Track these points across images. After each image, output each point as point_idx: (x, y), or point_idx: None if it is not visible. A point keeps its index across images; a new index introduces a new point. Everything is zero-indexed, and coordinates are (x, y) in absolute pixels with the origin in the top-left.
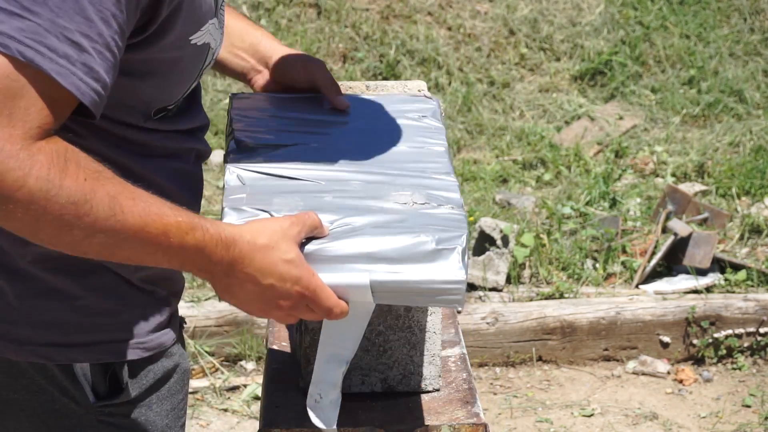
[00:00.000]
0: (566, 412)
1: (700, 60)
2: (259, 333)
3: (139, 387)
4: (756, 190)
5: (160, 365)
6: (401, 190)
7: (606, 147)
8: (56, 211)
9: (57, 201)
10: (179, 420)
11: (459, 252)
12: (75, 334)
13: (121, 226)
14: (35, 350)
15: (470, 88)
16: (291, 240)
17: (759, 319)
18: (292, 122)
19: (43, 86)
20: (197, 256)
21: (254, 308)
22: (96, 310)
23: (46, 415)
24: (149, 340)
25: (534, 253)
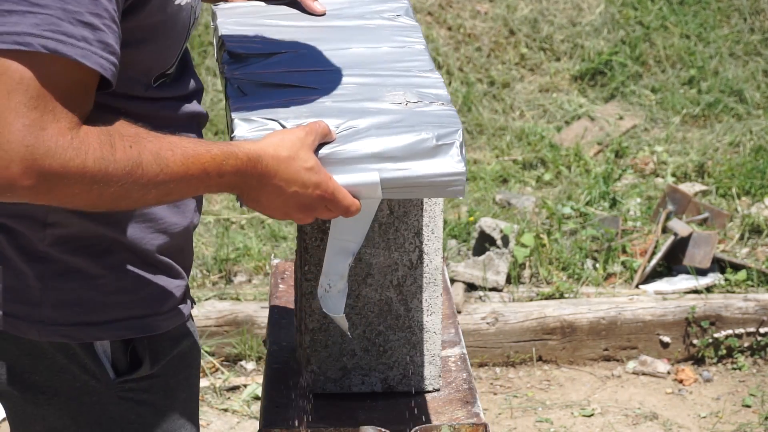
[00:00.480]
0: (566, 412)
1: (700, 60)
2: (259, 333)
3: (157, 362)
4: (756, 190)
5: (177, 340)
6: (394, 91)
7: (606, 147)
8: (115, 182)
9: (114, 174)
10: (194, 395)
11: (457, 147)
12: (95, 312)
13: (169, 177)
14: (57, 330)
15: (470, 88)
16: (308, 148)
17: (759, 319)
18: (277, 30)
19: (73, 72)
20: (233, 178)
21: (277, 213)
22: (114, 288)
23: (67, 395)
24: (167, 315)
25: (534, 253)
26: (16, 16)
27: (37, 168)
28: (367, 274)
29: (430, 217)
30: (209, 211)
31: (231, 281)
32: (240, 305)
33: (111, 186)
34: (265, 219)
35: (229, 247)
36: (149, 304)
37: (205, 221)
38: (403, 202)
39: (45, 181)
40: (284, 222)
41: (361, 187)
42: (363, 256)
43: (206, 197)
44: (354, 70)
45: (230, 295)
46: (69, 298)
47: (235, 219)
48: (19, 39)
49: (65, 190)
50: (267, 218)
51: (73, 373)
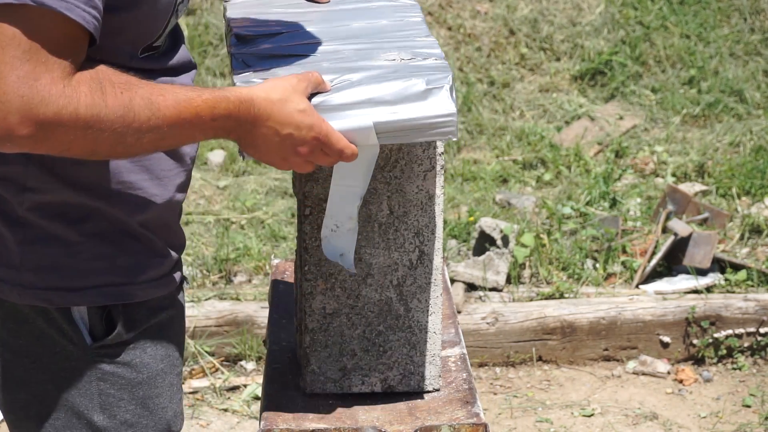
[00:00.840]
0: (566, 412)
1: (700, 60)
2: (259, 333)
3: (133, 329)
4: (756, 190)
5: (154, 311)
6: (389, 52)
7: (606, 147)
8: (109, 127)
9: (107, 119)
10: (175, 369)
11: (447, 89)
12: (72, 278)
13: (161, 121)
14: (36, 294)
15: (470, 88)
16: (301, 93)
17: (759, 319)
18: (283, 15)
19: (60, 25)
20: (226, 122)
21: (276, 158)
22: (91, 255)
23: (48, 359)
24: (143, 286)
25: (534, 253)
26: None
27: (33, 117)
28: (367, 274)
29: (430, 217)
30: (209, 211)
31: (231, 281)
32: (240, 305)
33: (105, 131)
34: (265, 219)
35: (229, 247)
36: (125, 273)
37: (205, 221)
38: (403, 202)
39: (41, 130)
40: (284, 222)
41: (356, 132)
42: (363, 256)
43: (206, 197)
44: (353, 40)
45: (230, 295)
46: (47, 263)
47: (235, 219)
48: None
49: (61, 137)
50: (267, 218)
51: (52, 338)
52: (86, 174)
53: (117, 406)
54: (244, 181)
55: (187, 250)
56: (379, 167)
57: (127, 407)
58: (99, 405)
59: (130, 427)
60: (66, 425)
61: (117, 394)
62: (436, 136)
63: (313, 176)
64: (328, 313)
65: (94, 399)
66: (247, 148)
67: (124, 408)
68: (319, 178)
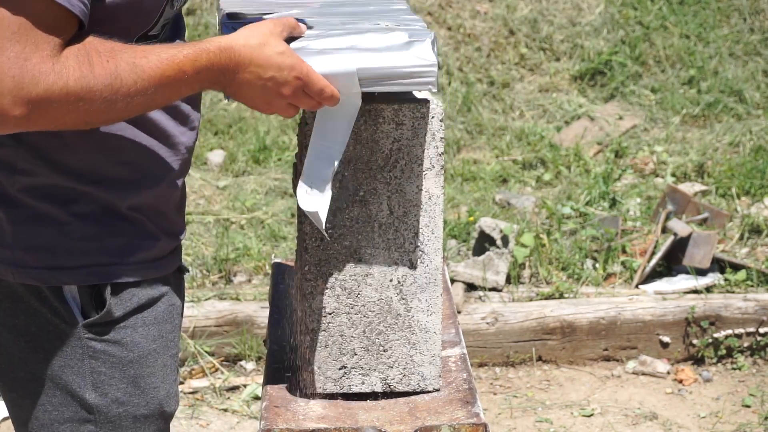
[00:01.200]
0: (566, 412)
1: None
2: (259, 333)
3: (123, 308)
4: (756, 190)
5: (145, 292)
6: (375, 21)
7: (606, 147)
8: (98, 97)
9: (96, 89)
10: (169, 350)
11: (429, 42)
12: (63, 257)
13: (147, 83)
14: (29, 272)
15: (470, 88)
16: (278, 36)
17: (759, 319)
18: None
19: (48, 8)
20: (209, 73)
21: (260, 102)
22: (81, 235)
23: (42, 338)
24: (132, 267)
25: (534, 253)
26: None
27: (25, 96)
28: (367, 274)
29: (430, 217)
30: (209, 211)
31: (231, 281)
32: (240, 305)
33: (95, 101)
34: (265, 219)
35: (229, 247)
36: (115, 253)
37: (205, 221)
38: (403, 202)
39: (34, 108)
40: (284, 222)
41: (339, 77)
42: (363, 256)
43: (206, 197)
44: (340, 16)
45: (230, 295)
46: (38, 243)
47: (235, 219)
48: None
49: (54, 113)
50: (267, 218)
51: (45, 317)
52: (76, 159)
53: (108, 384)
54: (243, 181)
55: (187, 250)
56: (379, 167)
57: (119, 385)
58: (91, 383)
59: (122, 405)
60: (62, 402)
61: (108, 372)
62: (416, 86)
63: None
64: (328, 312)
65: (86, 377)
66: (232, 95)
67: (115, 386)
68: None
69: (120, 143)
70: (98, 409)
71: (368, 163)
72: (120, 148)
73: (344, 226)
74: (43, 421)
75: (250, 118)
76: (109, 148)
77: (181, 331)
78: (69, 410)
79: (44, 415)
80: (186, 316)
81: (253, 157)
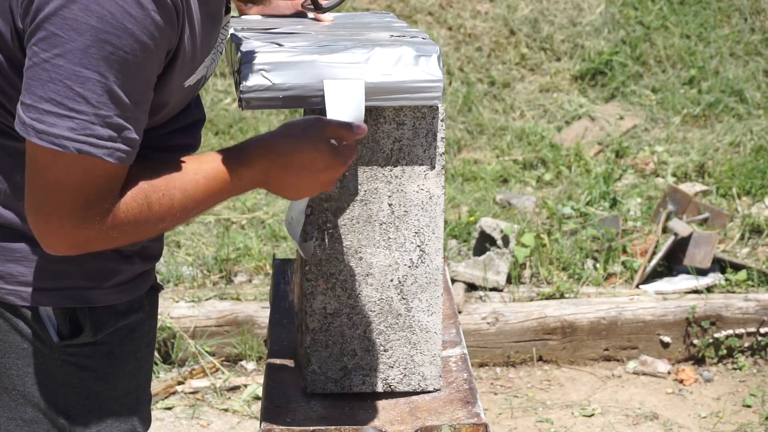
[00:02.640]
0: (567, 412)
1: (700, 60)
2: (260, 333)
3: (99, 330)
4: (756, 190)
5: (122, 315)
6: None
7: (606, 147)
8: (154, 227)
9: (154, 224)
10: (143, 371)
11: (435, 58)
12: (40, 279)
13: (196, 203)
14: (5, 291)
15: (471, 88)
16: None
17: (759, 319)
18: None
19: (99, 168)
20: (253, 184)
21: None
22: (60, 257)
23: (16, 354)
24: (109, 290)
25: (534, 253)
26: (54, 118)
27: (86, 244)
28: (367, 274)
29: (430, 217)
30: (209, 211)
31: (231, 281)
32: (240, 305)
33: (152, 230)
34: (266, 219)
35: (229, 247)
36: (92, 277)
37: (205, 221)
38: (403, 201)
39: (93, 249)
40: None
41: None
42: (363, 256)
43: None
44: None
45: (230, 295)
46: (15, 261)
47: (236, 219)
48: (56, 141)
49: (108, 245)
50: (267, 218)
51: (22, 333)
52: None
53: (82, 404)
54: None
55: (188, 250)
56: (380, 167)
57: (92, 406)
58: (64, 402)
59: (94, 425)
60: (33, 419)
61: (82, 392)
62: (422, 101)
63: None
64: (329, 312)
65: (59, 397)
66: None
67: (88, 407)
68: None
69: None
70: (71, 430)
71: (369, 162)
72: None
73: (345, 226)
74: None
75: (250, 118)
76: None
77: (182, 331)
78: (41, 428)
79: (16, 429)
80: (186, 316)
81: None
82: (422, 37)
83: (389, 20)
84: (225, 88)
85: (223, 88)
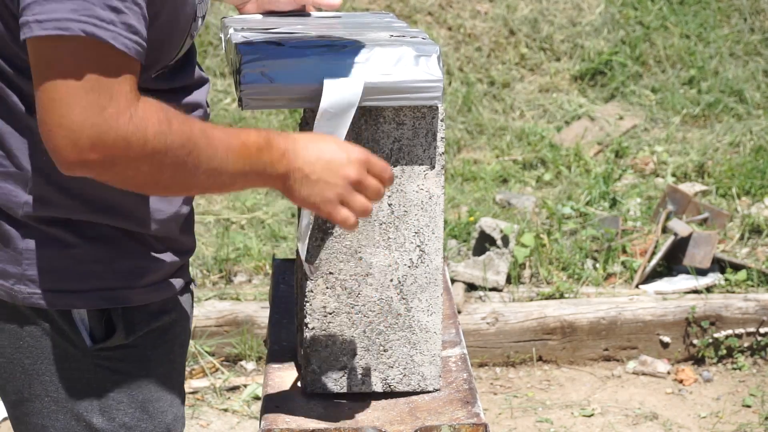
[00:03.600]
0: (566, 412)
1: (700, 60)
2: (259, 333)
3: (133, 332)
4: (756, 190)
5: (155, 316)
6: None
7: (606, 147)
8: (172, 155)
9: (172, 147)
10: (177, 373)
11: (435, 58)
12: (71, 280)
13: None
14: (37, 295)
15: (470, 88)
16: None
17: (759, 319)
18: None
19: (108, 55)
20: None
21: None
22: (90, 258)
23: (48, 360)
24: (142, 290)
25: (534, 253)
26: (54, 3)
27: (102, 143)
28: (367, 274)
29: (430, 217)
30: (209, 211)
31: (231, 281)
32: (240, 305)
33: (169, 158)
34: (265, 219)
35: (229, 247)
36: (124, 277)
37: (205, 221)
38: (403, 201)
39: (110, 155)
40: (284, 222)
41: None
42: (363, 255)
43: (206, 197)
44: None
45: (230, 295)
46: (47, 265)
47: (235, 219)
48: (59, 24)
49: (128, 163)
50: (267, 218)
51: (53, 339)
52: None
53: (116, 409)
54: None
55: None
56: None
57: (126, 410)
58: (98, 408)
59: (129, 429)
60: (65, 427)
61: (116, 397)
62: (422, 101)
63: None
64: (328, 312)
65: (93, 402)
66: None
67: (123, 411)
68: None
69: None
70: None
71: None
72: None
73: None
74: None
75: (250, 119)
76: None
77: None
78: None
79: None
80: None
81: None
82: (422, 37)
83: (389, 20)
84: (225, 88)
85: (223, 88)
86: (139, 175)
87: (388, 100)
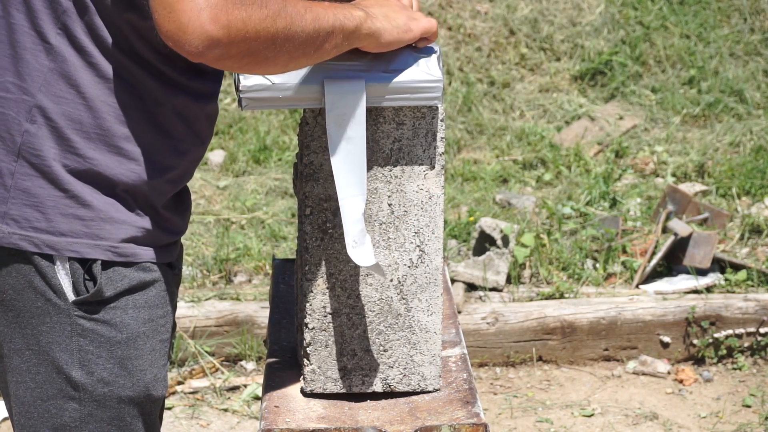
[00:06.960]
0: (566, 412)
1: (700, 60)
2: (259, 333)
3: (114, 288)
4: (756, 190)
5: (137, 275)
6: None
7: (606, 147)
8: (290, 24)
9: (287, 15)
10: (158, 335)
11: (435, 58)
12: (56, 222)
13: (319, 24)
14: (16, 234)
15: (470, 88)
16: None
17: (759, 319)
18: None
19: None
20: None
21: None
22: (78, 201)
23: (30, 313)
24: (122, 246)
25: (534, 253)
26: None
27: (224, 15)
28: (367, 274)
29: (430, 217)
30: (209, 211)
31: (231, 281)
32: (240, 305)
33: (280, 21)
34: (265, 219)
35: (229, 247)
36: (107, 231)
37: (205, 221)
38: (403, 201)
39: (233, 29)
40: (284, 222)
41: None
42: None
43: (206, 197)
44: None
45: (230, 295)
46: (35, 202)
47: (235, 219)
48: None
49: (251, 37)
50: (267, 218)
51: (35, 291)
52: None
53: (95, 363)
54: (244, 181)
55: (187, 250)
56: (380, 167)
57: (105, 365)
58: (78, 360)
59: (107, 385)
60: (46, 379)
61: (96, 351)
62: (423, 101)
63: (314, 176)
64: (328, 312)
65: (73, 354)
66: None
67: (102, 366)
68: (319, 178)
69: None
70: (84, 387)
71: (369, 162)
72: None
73: None
74: (25, 399)
75: (250, 118)
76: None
77: (182, 331)
78: (53, 387)
79: (26, 393)
80: (186, 316)
81: (254, 157)
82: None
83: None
84: (225, 88)
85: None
86: (261, 50)
87: (389, 101)
